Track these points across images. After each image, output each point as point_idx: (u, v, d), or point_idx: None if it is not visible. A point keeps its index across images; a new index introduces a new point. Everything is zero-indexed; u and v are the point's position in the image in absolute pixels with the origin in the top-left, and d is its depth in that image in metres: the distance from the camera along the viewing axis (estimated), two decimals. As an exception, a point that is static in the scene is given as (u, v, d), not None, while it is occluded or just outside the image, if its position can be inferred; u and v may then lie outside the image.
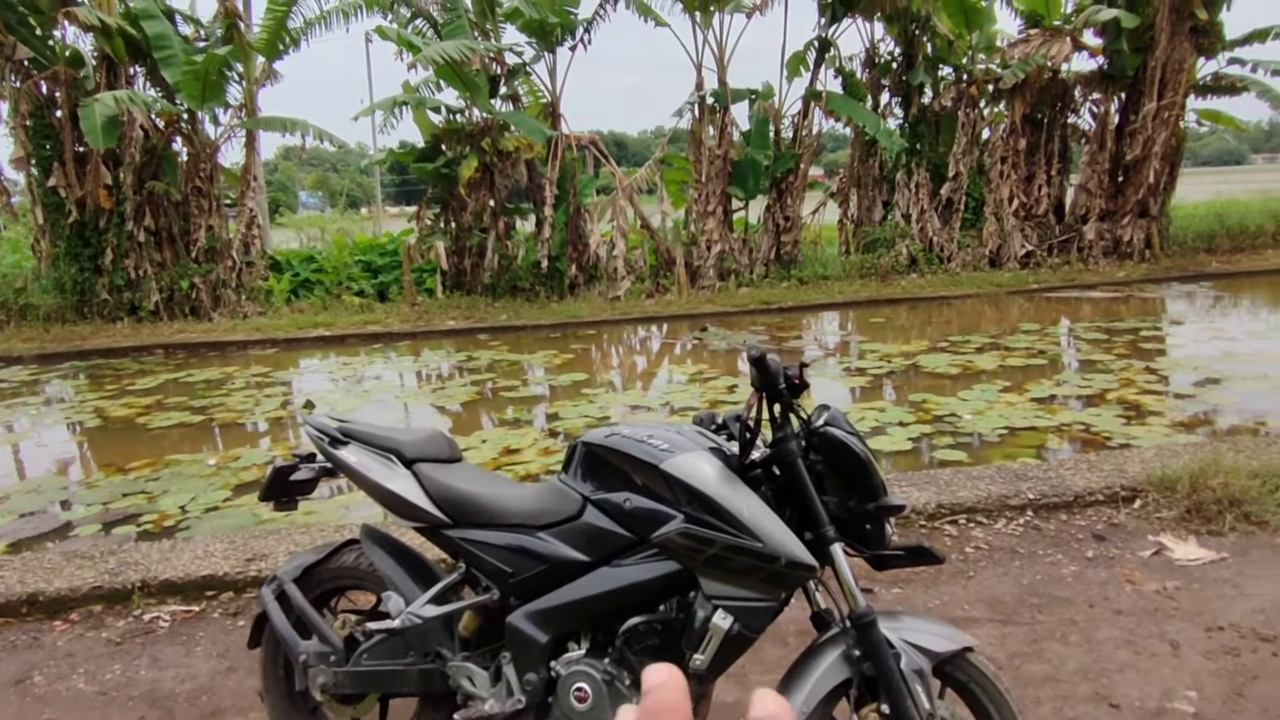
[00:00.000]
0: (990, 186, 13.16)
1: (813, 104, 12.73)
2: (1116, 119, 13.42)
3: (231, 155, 13.23)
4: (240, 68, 11.75)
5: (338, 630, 2.18)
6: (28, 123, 11.22)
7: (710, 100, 12.34)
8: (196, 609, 3.32)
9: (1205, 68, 13.00)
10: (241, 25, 11.79)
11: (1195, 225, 14.10)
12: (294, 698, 2.27)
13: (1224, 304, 10.71)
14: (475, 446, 5.70)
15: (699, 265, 12.49)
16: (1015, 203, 13.28)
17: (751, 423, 1.85)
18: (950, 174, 13.03)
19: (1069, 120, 13.80)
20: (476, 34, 11.90)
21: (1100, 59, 13.21)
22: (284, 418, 7.03)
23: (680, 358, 9.15)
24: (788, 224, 12.93)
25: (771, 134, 12.84)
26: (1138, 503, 3.80)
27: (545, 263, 12.20)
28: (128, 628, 3.21)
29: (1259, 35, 12.61)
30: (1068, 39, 12.41)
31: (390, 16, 12.45)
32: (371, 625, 2.07)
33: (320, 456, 2.26)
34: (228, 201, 12.71)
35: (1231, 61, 12.95)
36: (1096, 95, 13.53)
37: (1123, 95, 13.35)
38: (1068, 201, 13.90)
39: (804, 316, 10.95)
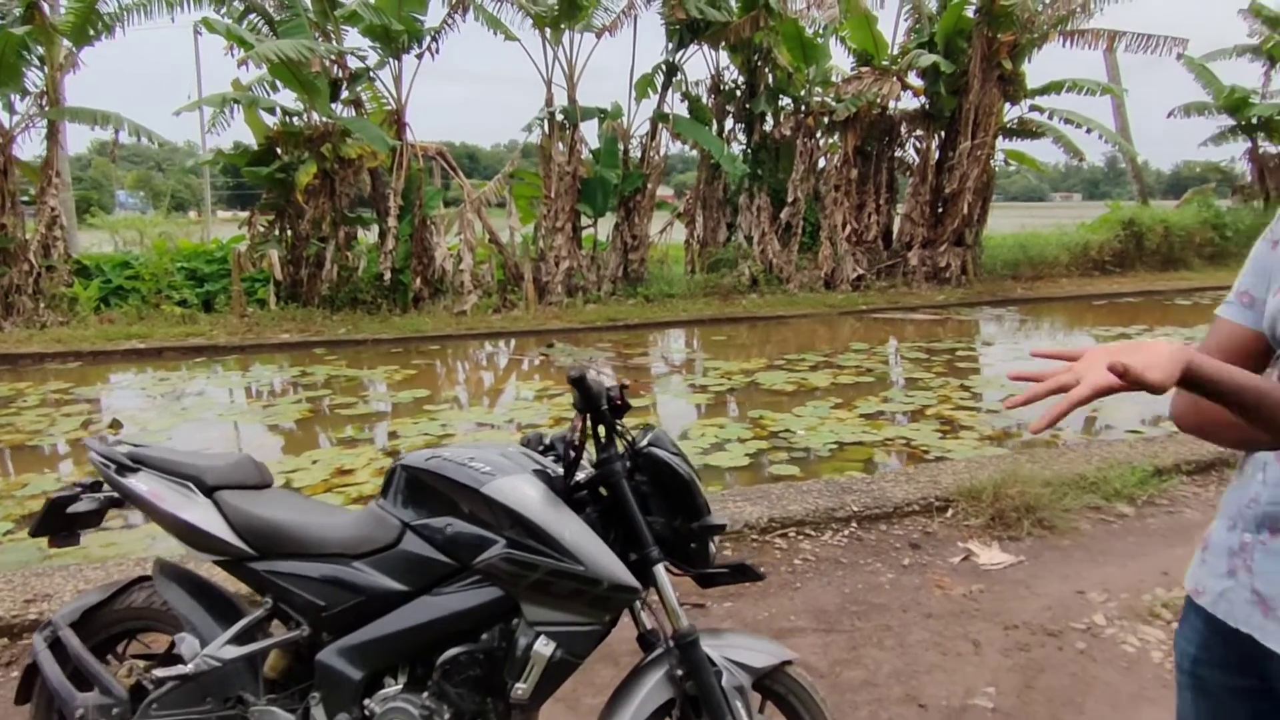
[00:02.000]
0: (825, 212, 13.91)
1: (660, 126, 13.02)
2: (937, 154, 14.54)
3: (30, 148, 11.93)
4: (41, 51, 10.67)
5: (123, 679, 1.97)
6: None
7: (560, 117, 12.37)
8: (-39, 659, 2.92)
9: (1011, 113, 14.34)
10: (46, 5, 10.73)
11: (1003, 254, 15.46)
12: (72, 757, 2.02)
13: (1027, 326, 11.78)
14: (305, 468, 5.39)
15: (547, 281, 12.45)
16: (848, 229, 14.09)
17: (575, 444, 1.83)
18: (789, 199, 13.67)
19: (896, 154, 14.83)
20: (317, 35, 11.40)
21: (923, 99, 14.28)
22: (85, 438, 6.37)
23: (527, 374, 9.06)
24: (635, 242, 13.13)
25: (620, 153, 13.02)
26: (949, 512, 4.07)
27: (388, 275, 11.78)
28: None
29: (1055, 86, 14.06)
30: (895, 79, 13.35)
31: (223, 9, 11.71)
32: (161, 672, 1.88)
33: (106, 485, 2.04)
34: (25, 198, 11.48)
35: (1033, 109, 14.37)
36: (920, 132, 14.62)
37: (942, 133, 14.49)
38: (895, 229, 14.90)
39: (650, 334, 11.13)
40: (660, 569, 1.80)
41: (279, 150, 11.76)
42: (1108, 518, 4.07)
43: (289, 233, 11.90)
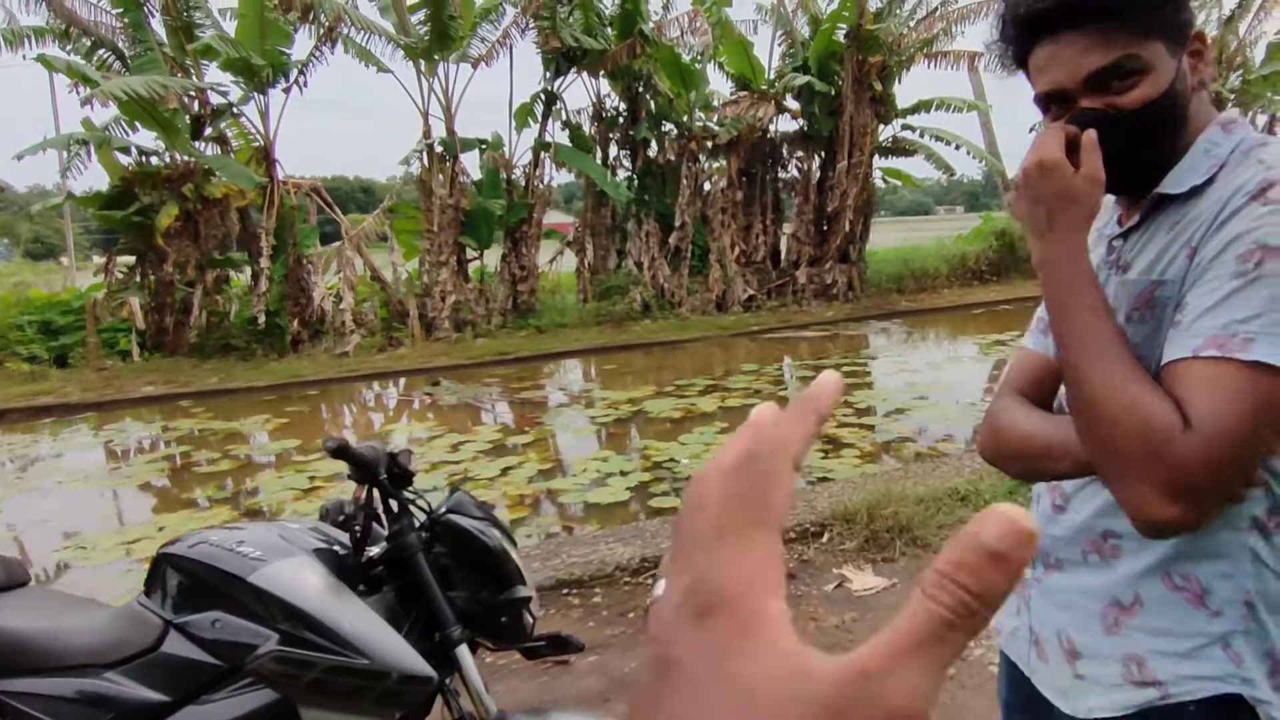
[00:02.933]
0: (714, 235, 14.03)
1: (543, 155, 12.90)
2: (818, 174, 14.90)
3: None
4: None
5: None
6: None
7: (439, 149, 12.10)
8: None
9: (885, 132, 14.85)
10: None
11: (887, 269, 15.94)
12: None
13: (913, 338, 12.11)
14: (151, 536, 4.94)
15: (433, 317, 12.09)
16: (737, 250, 14.26)
17: (359, 519, 1.63)
18: (677, 224, 13.73)
19: (780, 175, 15.14)
20: (175, 70, 10.83)
21: (801, 120, 14.64)
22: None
23: (419, 413, 8.71)
24: (524, 273, 12.93)
25: (504, 183, 12.82)
26: (825, 536, 4.00)
27: (262, 318, 11.20)
28: None
29: (924, 105, 14.63)
30: (772, 102, 13.64)
31: (69, 46, 11.00)
32: None
33: None
34: None
35: (905, 127, 14.92)
36: (800, 153, 14.97)
37: (822, 153, 14.87)
38: (783, 248, 15.16)
39: (542, 365, 10.90)
40: (464, 650, 1.61)
41: (136, 191, 11.07)
42: (979, 530, 4.08)
43: (151, 278, 11.20)
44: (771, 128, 14.39)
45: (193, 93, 10.91)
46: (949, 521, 4.08)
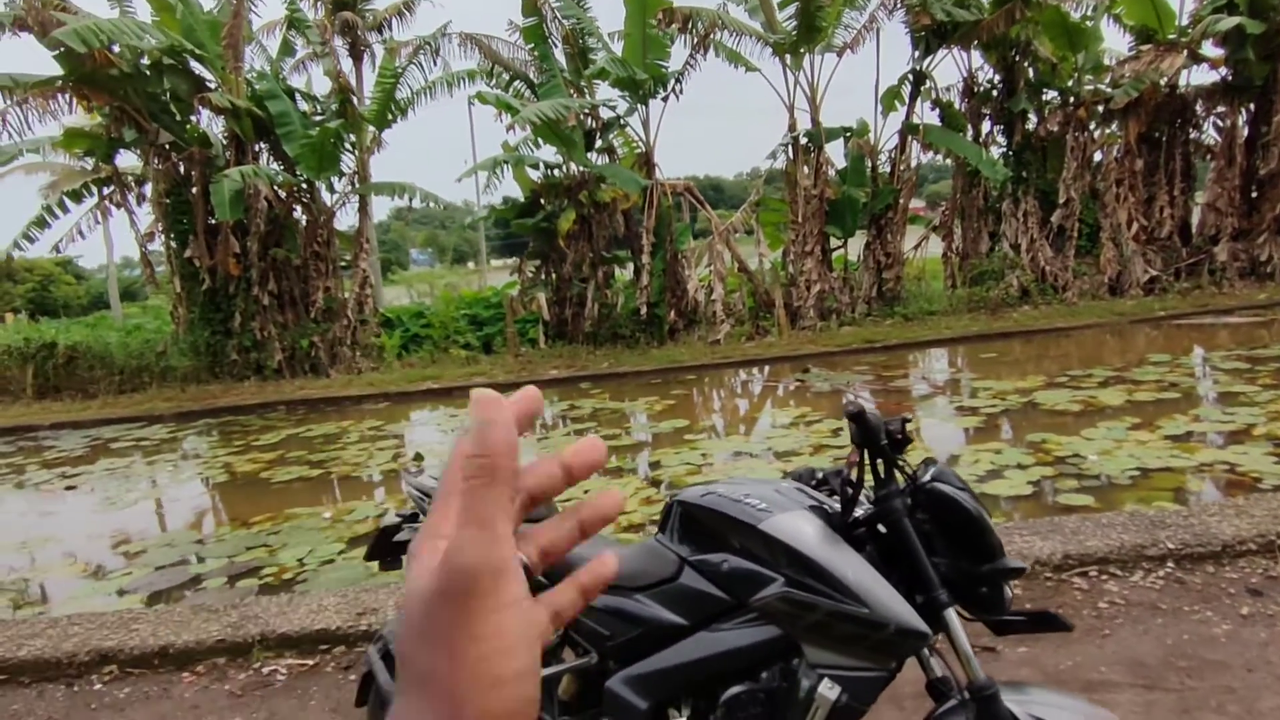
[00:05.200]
0: (1106, 211, 12.52)
1: (910, 138, 12.48)
2: (1246, 131, 12.58)
3: (346, 220, 14.05)
4: (353, 138, 12.48)
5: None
6: (166, 200, 12.21)
7: (804, 140, 12.28)
8: (311, 662, 3.40)
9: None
10: (354, 99, 12.55)
11: (1344, 240, 12.95)
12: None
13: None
14: (576, 496, 5.71)
15: (799, 306, 12.32)
16: (1135, 226, 12.57)
17: (853, 480, 1.76)
18: (1061, 200, 12.48)
19: (1191, 136, 13.04)
20: (571, 92, 12.28)
21: (1222, 70, 12.46)
22: (396, 470, 7.26)
23: (782, 400, 8.99)
24: (889, 260, 12.64)
25: (868, 170, 12.64)
26: (1301, 552, 3.44)
27: (645, 309, 12.29)
28: (248, 680, 3.32)
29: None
30: (1184, 52, 11.78)
31: (491, 81, 13.01)
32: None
33: (423, 516, 2.29)
34: (343, 264, 13.43)
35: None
36: (1221, 108, 12.75)
37: (1251, 106, 12.52)
38: (1194, 222, 13.06)
39: (910, 354, 10.60)
40: (952, 613, 1.67)
41: (542, 201, 12.77)
42: None
43: (554, 276, 12.84)
44: (1181, 82, 12.44)
45: (587, 110, 12.28)
46: None
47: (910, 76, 12.52)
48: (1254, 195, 12.54)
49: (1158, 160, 12.76)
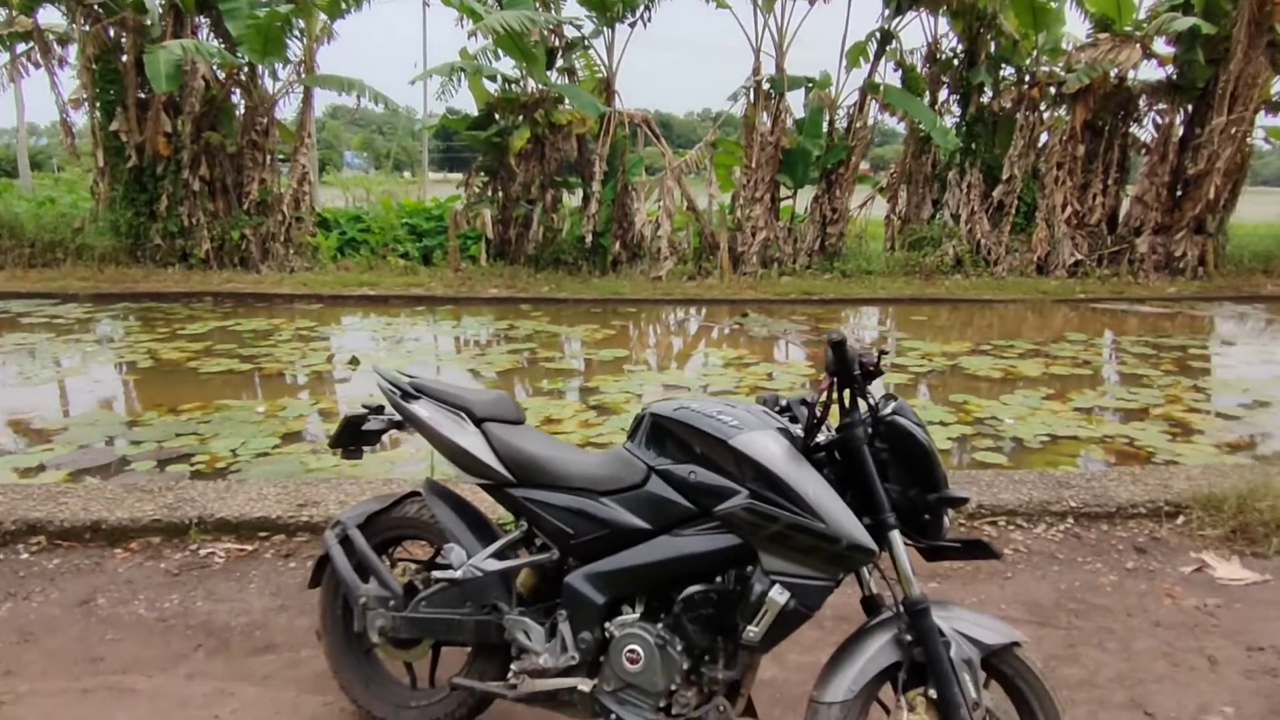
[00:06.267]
0: (1044, 192, 12.96)
1: (870, 96, 12.59)
2: (1181, 131, 13.11)
3: (286, 111, 13.43)
4: (302, 24, 11.85)
5: (397, 577, 2.26)
6: (94, 66, 11.44)
7: (766, 86, 12.25)
8: (250, 548, 3.43)
9: (1278, 85, 12.64)
10: (307, -18, 11.88)
11: (1253, 245, 13.78)
12: (350, 639, 2.35)
13: (1275, 327, 10.48)
14: (566, 430, 5.77)
15: (743, 251, 12.46)
16: (1068, 210, 13.06)
17: (821, 406, 1.88)
18: (1004, 176, 12.85)
19: (1130, 130, 13.52)
20: (538, 4, 11.91)
21: (1169, 68, 12.90)
22: (327, 372, 7.17)
23: (719, 341, 9.17)
24: (835, 216, 12.84)
25: (825, 124, 12.72)
26: (1181, 519, 3.77)
27: (590, 238, 12.24)
28: (184, 560, 3.33)
29: (1337, 54, 12.23)
30: (1138, 45, 12.14)
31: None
32: (435, 574, 2.14)
33: (389, 409, 2.33)
34: (281, 156, 12.89)
35: (1306, 79, 12.59)
36: (1162, 105, 13.22)
37: (1189, 107, 13.03)
38: (1122, 212, 13.64)
39: (844, 309, 10.90)
40: (896, 535, 1.82)
41: (496, 115, 12.46)
42: (1378, 545, 3.62)
43: (501, 194, 12.63)
44: (1131, 75, 12.84)
45: (552, 26, 11.95)
46: (1338, 529, 3.66)
47: (878, 34, 12.56)
48: (1179, 194, 13.14)
49: (1097, 149, 13.21)
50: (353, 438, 2.37)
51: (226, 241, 11.95)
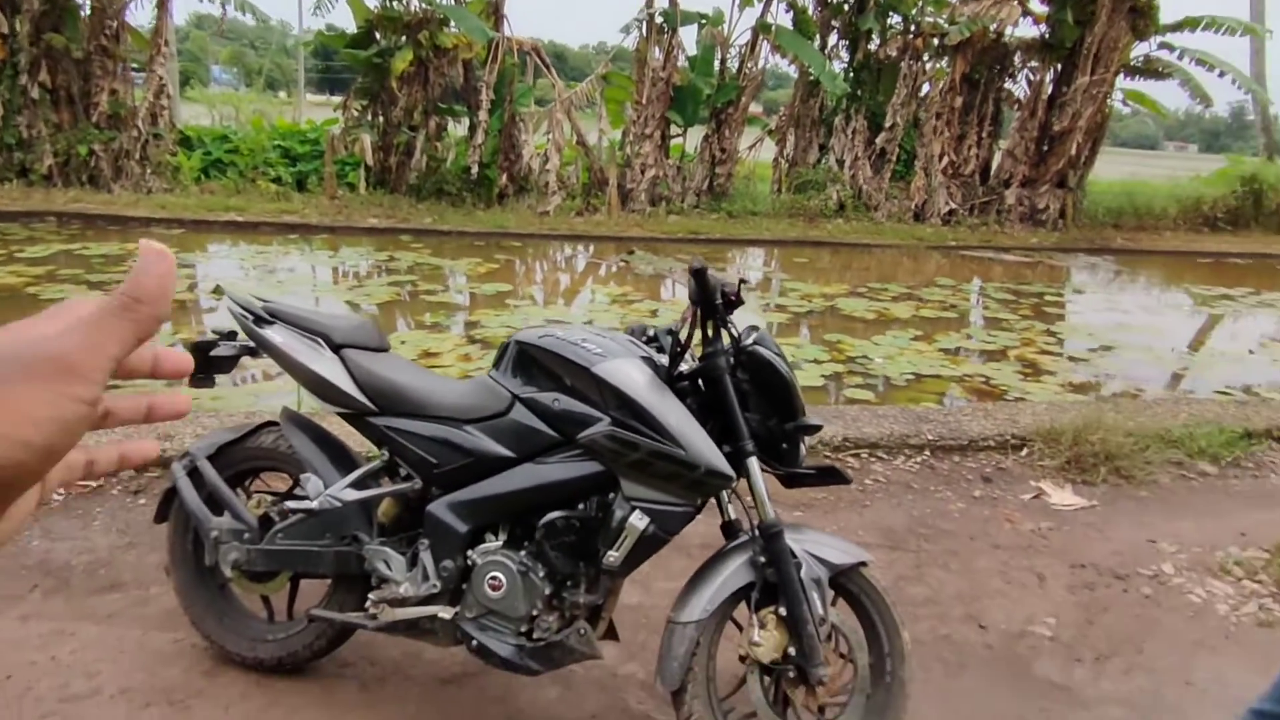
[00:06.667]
0: (923, 141, 13.39)
1: (761, 37, 12.58)
2: (1050, 89, 13.75)
3: (141, 15, 12.26)
4: (157, -82, 10.79)
5: (252, 509, 2.17)
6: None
7: (659, 20, 12.05)
8: (94, 484, 3.22)
9: (1138, 49, 13.40)
10: None
11: (1107, 201, 14.71)
12: (202, 573, 2.26)
13: (1123, 278, 11.31)
14: (392, 347, 5.61)
15: (631, 188, 12.38)
16: (945, 160, 13.56)
17: (684, 336, 1.90)
18: (887, 124, 13.19)
19: (1005, 85, 14.08)
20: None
21: (1043, 27, 13.44)
22: (189, 301, 6.75)
23: (605, 279, 9.14)
24: (723, 156, 12.90)
25: (717, 63, 12.67)
26: (1025, 451, 4.07)
27: (475, 169, 11.86)
28: (19, 497, 3.09)
29: (1190, 23, 13.05)
30: (1016, 2, 12.57)
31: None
32: (290, 505, 2.07)
33: (242, 335, 2.20)
34: (134, 66, 11.81)
35: (1161, 46, 13.40)
36: (1035, 63, 13.80)
37: (1058, 66, 13.65)
38: (995, 165, 14.28)
39: (730, 250, 11.05)
40: (753, 461, 1.88)
41: (377, 35, 11.78)
42: (1189, 474, 4.01)
43: (381, 119, 12.02)
44: (1008, 32, 13.31)
45: (437, -59, 11.31)
46: (1156, 460, 4.03)
47: (771, -26, 12.50)
48: (1045, 149, 13.85)
49: (974, 101, 13.71)
50: (201, 365, 2.23)
51: (73, 157, 10.93)
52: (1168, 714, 2.29)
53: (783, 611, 1.85)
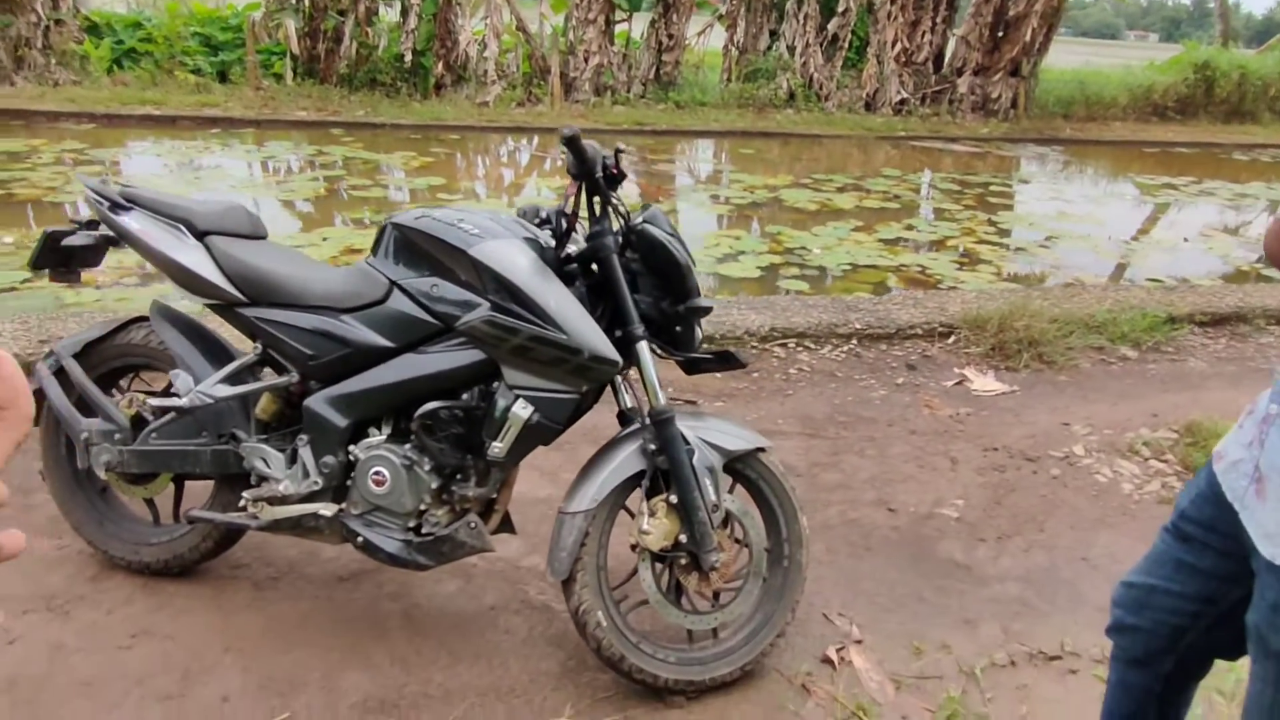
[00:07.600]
0: (877, 27, 12.99)
1: (710, -88, 11.92)
2: (1007, -29, 13.34)
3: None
4: None
5: (124, 409, 2.05)
6: None
7: (601, -108, 11.32)
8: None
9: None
10: None
11: (1059, 90, 14.52)
12: (78, 477, 2.16)
13: (1071, 169, 11.28)
14: (316, 244, 5.39)
15: (575, 77, 11.89)
16: (898, 47, 13.20)
17: (569, 213, 1.78)
18: (840, 9, 12.74)
19: (961, -32, 13.64)
20: None
21: (1000, -95, 12.92)
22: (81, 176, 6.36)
23: (549, 173, 8.85)
24: (671, 43, 12.40)
25: (664, -60, 12.02)
26: (952, 338, 4.07)
27: (409, 57, 11.26)
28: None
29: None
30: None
31: None
32: (156, 402, 1.96)
33: (103, 224, 2.03)
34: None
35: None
36: (992, -57, 13.32)
37: (1015, -54, 13.21)
38: (948, 52, 13.96)
39: (678, 142, 10.74)
40: (643, 346, 1.80)
41: (296, -93, 10.92)
42: (1109, 359, 4.06)
43: (307, 3, 11.27)
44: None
45: None
46: (1078, 345, 4.07)
47: None
48: (1000, 36, 13.53)
49: (929, -16, 13.27)
50: (59, 257, 2.07)
51: (-32, 45, 10.12)
52: (1062, 588, 2.35)
53: (674, 499, 1.81)
